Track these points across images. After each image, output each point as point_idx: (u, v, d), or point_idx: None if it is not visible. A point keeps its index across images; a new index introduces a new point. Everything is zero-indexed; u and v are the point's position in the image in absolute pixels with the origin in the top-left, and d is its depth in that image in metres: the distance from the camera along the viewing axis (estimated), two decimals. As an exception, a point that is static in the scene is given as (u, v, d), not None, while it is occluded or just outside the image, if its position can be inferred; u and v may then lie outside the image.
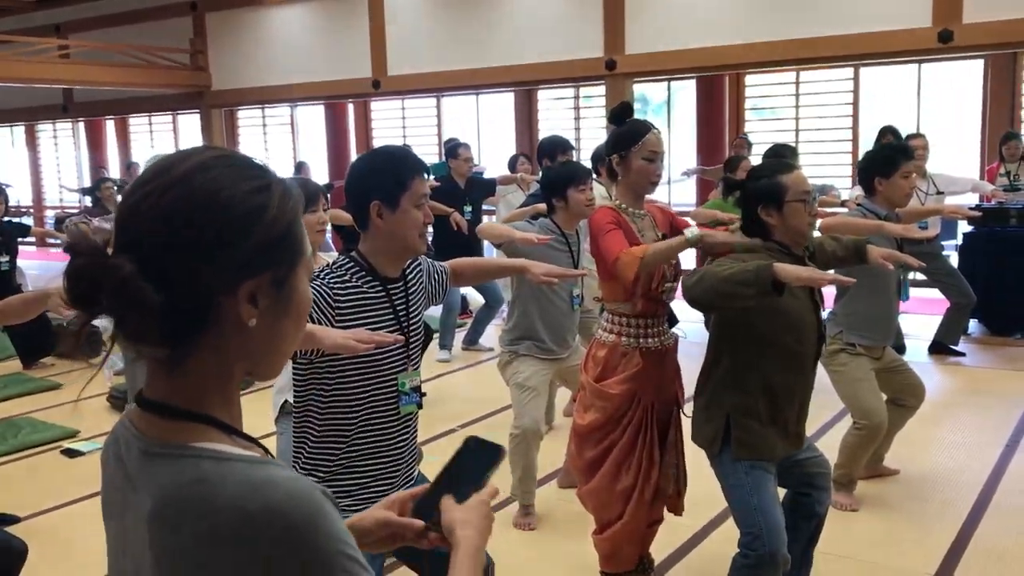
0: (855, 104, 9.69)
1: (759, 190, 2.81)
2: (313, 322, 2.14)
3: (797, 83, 9.97)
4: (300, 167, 10.74)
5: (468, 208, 6.92)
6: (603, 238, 2.95)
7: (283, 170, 11.80)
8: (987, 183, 7.21)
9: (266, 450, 1.01)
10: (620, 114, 3.17)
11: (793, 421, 2.82)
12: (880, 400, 4.00)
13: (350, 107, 12.62)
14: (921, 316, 7.48)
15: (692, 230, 2.85)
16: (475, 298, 7.95)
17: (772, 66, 8.80)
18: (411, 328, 2.36)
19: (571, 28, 8.51)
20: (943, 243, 6.84)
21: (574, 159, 5.52)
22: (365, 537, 1.21)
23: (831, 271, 2.93)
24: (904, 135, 6.78)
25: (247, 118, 13.80)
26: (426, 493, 1.23)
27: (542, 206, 4.07)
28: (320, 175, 12.19)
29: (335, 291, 2.21)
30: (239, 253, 0.94)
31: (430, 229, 7.84)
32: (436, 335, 6.97)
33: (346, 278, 2.25)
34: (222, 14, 11.21)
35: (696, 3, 7.83)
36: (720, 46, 7.74)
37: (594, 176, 5.97)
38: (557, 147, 5.47)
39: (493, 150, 11.91)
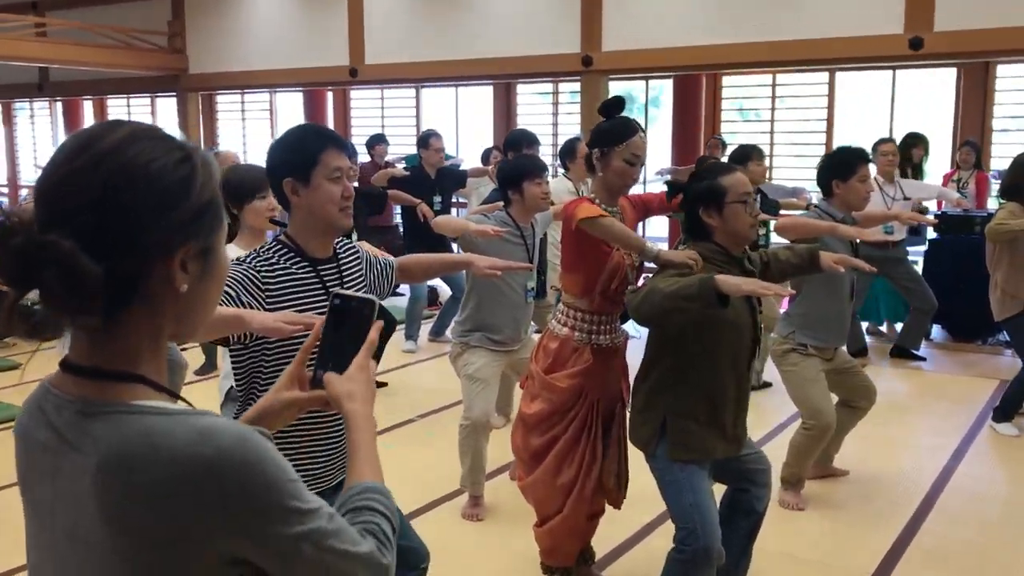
0: (830, 108, 9.76)
1: (700, 192, 2.83)
2: (243, 306, 2.14)
3: (774, 85, 10.02)
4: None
5: (438, 199, 6.89)
6: (574, 207, 2.95)
7: (259, 159, 11.83)
8: (953, 191, 7.28)
9: (189, 404, 1.05)
10: (611, 107, 3.12)
11: (731, 423, 2.84)
12: (829, 401, 4.03)
13: (329, 95, 12.57)
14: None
15: (652, 246, 2.87)
16: (444, 290, 7.94)
17: (747, 68, 8.85)
18: None
19: (549, 23, 8.51)
20: (908, 248, 6.88)
21: (539, 153, 5.52)
22: (277, 419, 1.28)
23: (776, 283, 2.92)
24: (874, 140, 6.85)
25: (225, 103, 13.73)
26: (317, 362, 1.24)
27: None
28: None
29: (263, 274, 2.20)
30: (172, 222, 0.99)
31: (399, 220, 7.83)
32: (403, 325, 6.98)
33: (273, 260, 2.24)
34: (201, -4, 11.16)
35: (674, 3, 7.85)
36: (696, 46, 7.76)
37: (562, 171, 6.03)
38: (523, 140, 5.48)
39: (472, 143, 11.90)
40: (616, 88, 9.09)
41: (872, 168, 6.72)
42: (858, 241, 4.07)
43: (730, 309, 2.66)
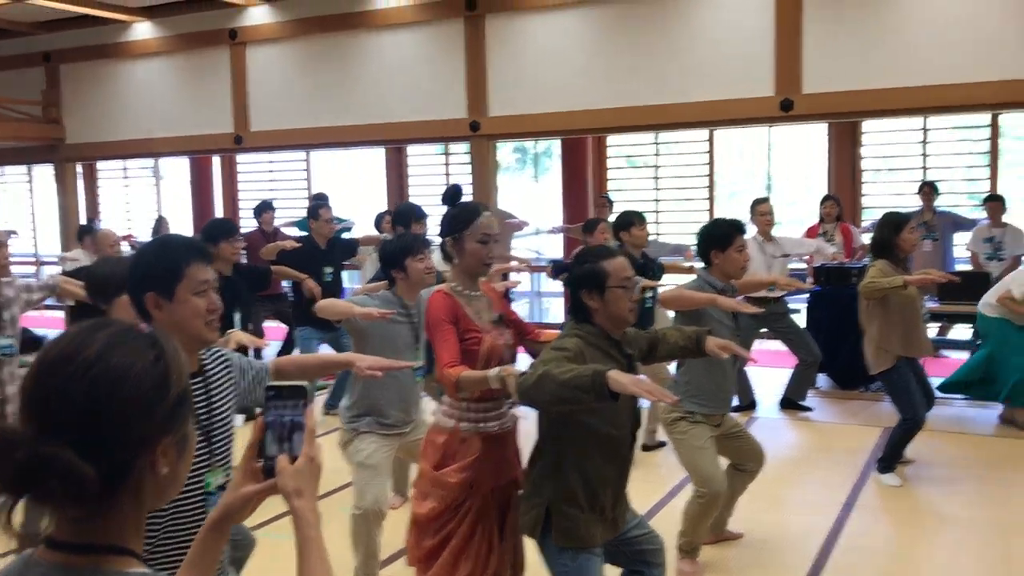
0: (711, 164, 10.08)
1: (582, 275, 2.87)
2: None
3: (656, 143, 10.31)
4: (159, 223, 10.39)
5: (329, 270, 6.80)
6: (435, 338, 2.97)
7: (144, 226, 11.39)
8: (829, 246, 7.59)
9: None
10: (451, 197, 3.21)
11: (609, 506, 2.85)
12: (718, 468, 4.09)
13: (216, 159, 12.35)
14: (773, 370, 7.76)
15: (497, 372, 2.90)
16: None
17: (629, 131, 9.08)
18: (213, 425, 2.27)
19: (437, 90, 8.58)
20: (789, 301, 7.11)
21: (427, 227, 5.51)
22: (241, 516, 1.37)
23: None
24: (753, 199, 7.10)
25: (108, 169, 13.32)
26: (262, 451, 1.33)
27: None
28: (184, 229, 11.85)
29: None
30: (154, 419, 1.11)
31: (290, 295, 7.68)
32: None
33: None
34: (77, 66, 10.82)
35: (557, 71, 8.03)
36: (581, 111, 7.93)
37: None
38: (411, 215, 5.46)
39: (364, 204, 11.84)
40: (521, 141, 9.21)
41: (752, 228, 7.00)
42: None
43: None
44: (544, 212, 11.22)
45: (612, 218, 8.65)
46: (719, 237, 4.08)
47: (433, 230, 5.61)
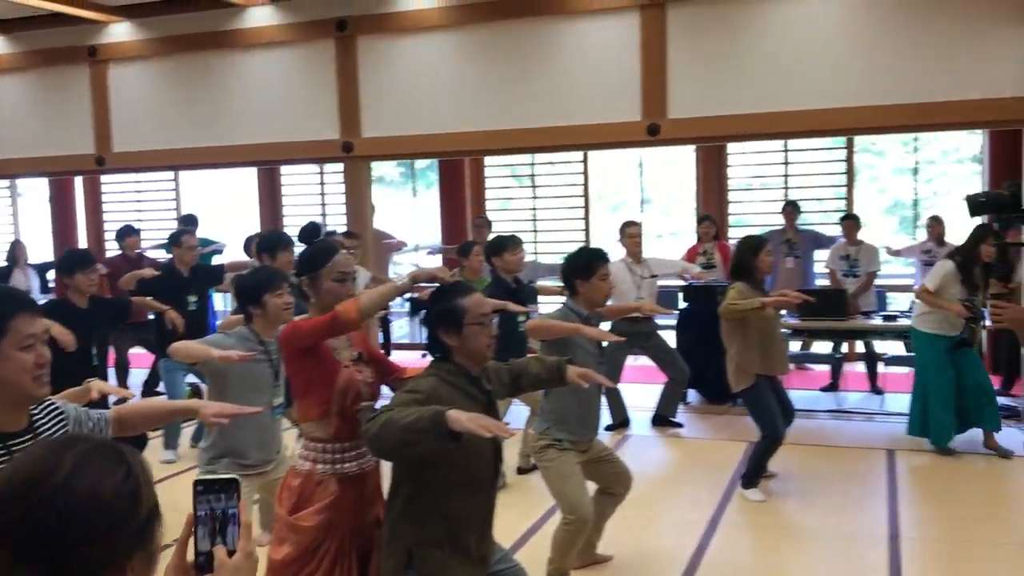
0: (586, 184, 10.26)
1: (439, 313, 2.86)
2: None
3: (533, 166, 10.43)
4: (14, 247, 9.85)
5: (193, 298, 6.58)
6: (303, 326, 2.94)
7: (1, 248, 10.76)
8: (693, 265, 7.83)
9: None
10: (308, 235, 3.19)
11: (475, 545, 2.84)
12: (586, 494, 4.14)
13: (78, 180, 11.83)
14: (645, 385, 7.93)
15: (401, 276, 2.99)
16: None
17: (502, 153, 9.15)
18: None
19: (308, 111, 8.44)
20: (656, 320, 7.27)
21: (293, 255, 5.38)
22: None
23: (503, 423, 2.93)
24: (622, 223, 7.26)
25: (-40, 189, 12.58)
26: (198, 548, 1.30)
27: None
28: (43, 254, 11.30)
29: None
30: (126, 535, 1.13)
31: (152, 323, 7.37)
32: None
33: None
34: (-76, 81, 10.19)
35: (430, 92, 8.01)
36: (456, 132, 7.94)
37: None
38: (278, 244, 5.28)
39: (236, 226, 11.54)
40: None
41: (621, 250, 7.14)
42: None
43: (464, 437, 2.67)
44: (424, 229, 11.19)
45: (492, 237, 8.74)
46: (583, 266, 4.15)
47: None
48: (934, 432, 6.24)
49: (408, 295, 5.23)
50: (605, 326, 4.72)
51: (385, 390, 3.29)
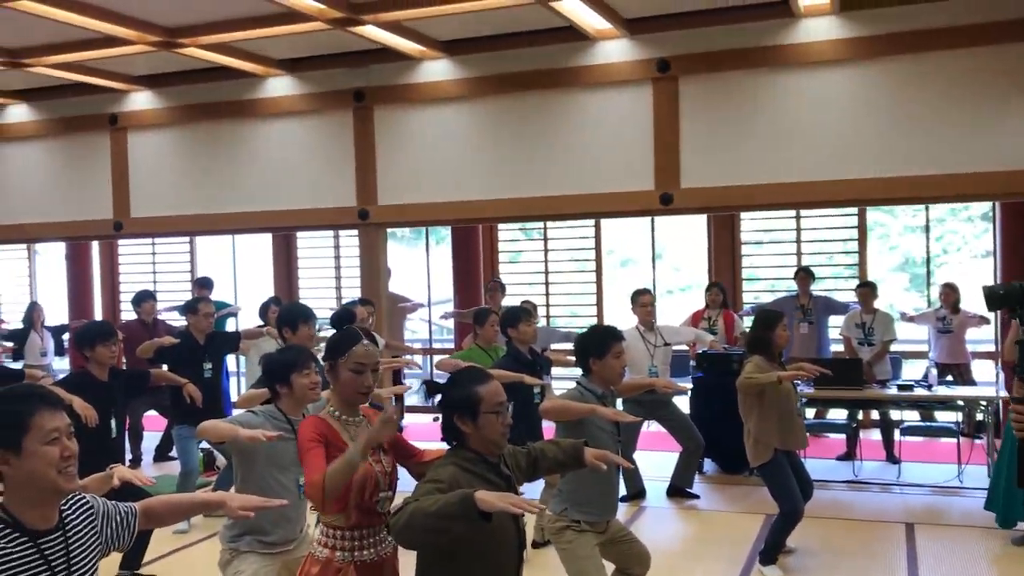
0: (598, 250, 10.32)
1: (455, 400, 2.87)
2: None
3: (545, 230, 10.50)
4: (32, 309, 9.94)
5: (208, 366, 6.61)
6: (303, 459, 2.90)
7: (15, 310, 10.85)
8: (707, 334, 7.83)
9: None
10: (338, 320, 3.20)
11: (501, 629, 2.81)
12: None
13: (95, 245, 11.96)
14: (660, 453, 7.88)
15: (355, 446, 2.87)
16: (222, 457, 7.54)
17: (516, 220, 9.25)
18: None
19: (326, 179, 8.55)
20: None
21: (315, 328, 5.40)
22: None
23: (525, 497, 2.93)
24: (633, 291, 7.29)
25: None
26: None
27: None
28: (59, 316, 11.39)
29: None
30: None
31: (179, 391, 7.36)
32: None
33: None
34: (-55, 147, 10.39)
35: (445, 162, 8.12)
36: (467, 200, 8.03)
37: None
38: (299, 317, 5.29)
39: (251, 289, 11.63)
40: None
41: (634, 318, 7.16)
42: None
43: (495, 518, 2.67)
44: (437, 287, 11.25)
45: (505, 301, 8.80)
46: (596, 345, 4.15)
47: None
48: (1001, 509, 5.92)
49: (423, 379, 5.23)
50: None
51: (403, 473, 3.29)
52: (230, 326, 10.16)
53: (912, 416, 8.27)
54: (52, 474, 2.10)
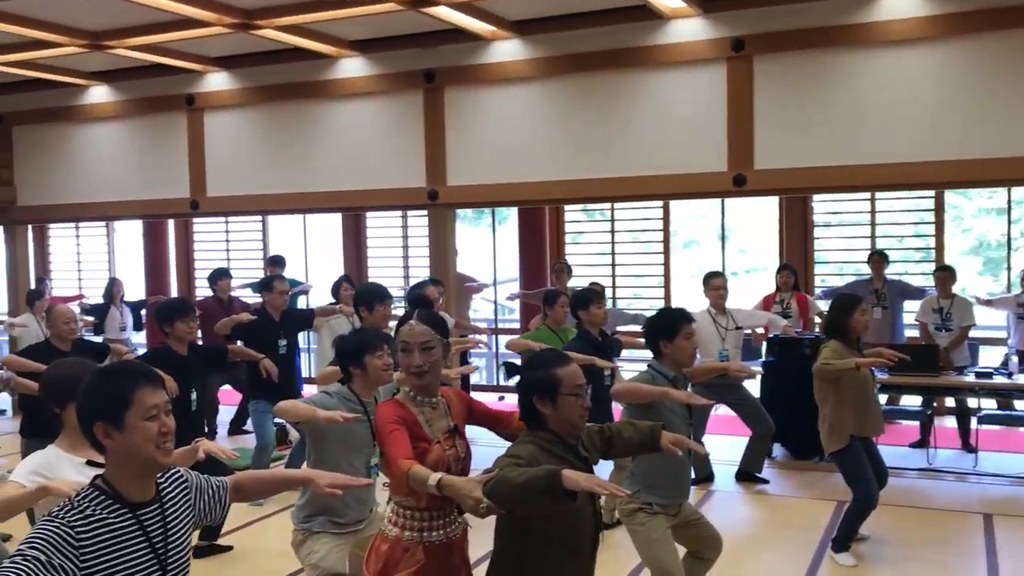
0: (665, 231, 10.22)
1: (534, 381, 2.90)
2: (55, 569, 2.00)
3: (612, 213, 10.43)
4: (112, 284, 10.26)
5: (283, 343, 6.75)
6: (385, 441, 2.94)
7: (96, 285, 11.18)
8: (780, 319, 7.70)
9: None
10: (414, 301, 3.24)
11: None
12: (677, 559, 4.08)
13: (171, 223, 12.25)
14: (730, 437, 7.82)
15: (434, 477, 2.79)
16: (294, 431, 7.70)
17: (584, 202, 9.21)
18: (170, 556, 2.24)
19: (396, 159, 8.63)
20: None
21: (391, 308, 5.46)
22: None
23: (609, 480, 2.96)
24: (705, 273, 7.22)
25: (59, 226, 13.12)
26: None
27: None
28: (137, 292, 11.71)
29: (77, 530, 2.06)
30: None
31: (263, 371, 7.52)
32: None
33: (88, 511, 2.10)
34: (31, 128, 10.71)
35: (514, 143, 8.13)
36: (536, 181, 8.02)
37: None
38: (375, 297, 5.35)
39: (321, 268, 11.80)
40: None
41: (705, 301, 7.10)
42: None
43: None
44: (502, 266, 11.27)
45: (571, 282, 8.78)
46: (667, 327, 4.11)
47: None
48: None
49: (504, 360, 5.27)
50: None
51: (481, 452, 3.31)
52: (301, 304, 10.34)
53: (989, 404, 8.05)
54: (151, 448, 2.17)
